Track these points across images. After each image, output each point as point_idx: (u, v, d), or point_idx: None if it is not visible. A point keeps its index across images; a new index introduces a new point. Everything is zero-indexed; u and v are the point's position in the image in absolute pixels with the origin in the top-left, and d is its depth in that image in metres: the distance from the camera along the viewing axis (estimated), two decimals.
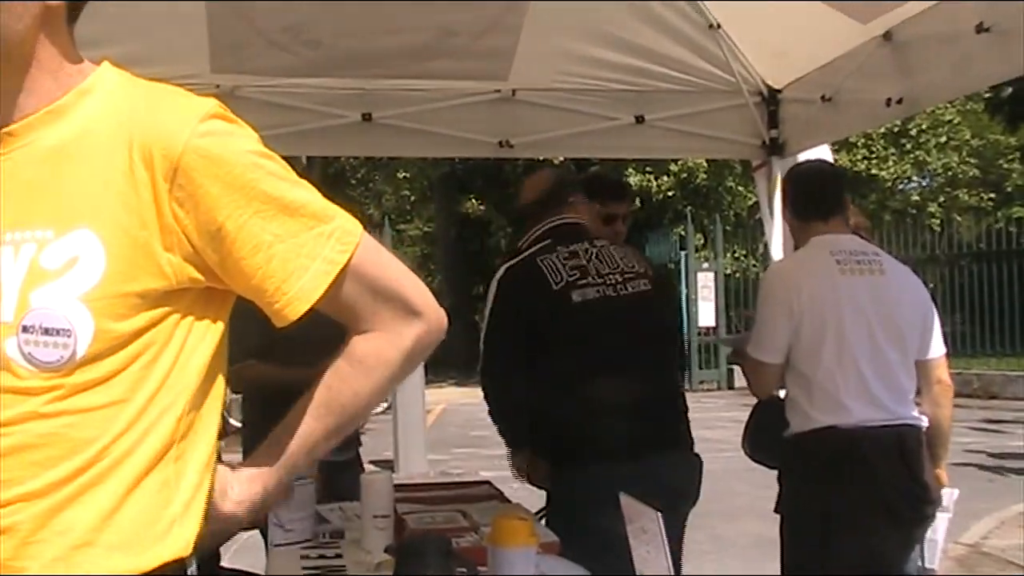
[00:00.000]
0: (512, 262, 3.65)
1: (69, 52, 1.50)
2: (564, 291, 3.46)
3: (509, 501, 3.39)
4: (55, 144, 1.45)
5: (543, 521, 3.37)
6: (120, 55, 1.64)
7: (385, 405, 12.81)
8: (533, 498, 3.54)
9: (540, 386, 3.46)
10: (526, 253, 3.62)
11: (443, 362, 18.83)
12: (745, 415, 3.83)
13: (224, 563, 3.66)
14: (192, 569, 1.48)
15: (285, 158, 1.52)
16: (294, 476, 1.64)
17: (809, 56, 4.48)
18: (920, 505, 3.52)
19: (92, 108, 1.47)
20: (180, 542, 1.45)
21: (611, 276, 3.52)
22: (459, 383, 19.87)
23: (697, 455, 3.58)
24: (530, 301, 3.51)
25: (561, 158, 8.79)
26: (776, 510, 3.64)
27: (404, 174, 26.07)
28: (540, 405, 3.48)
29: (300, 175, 1.52)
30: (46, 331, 1.37)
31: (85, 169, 1.43)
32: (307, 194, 1.50)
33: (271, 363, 3.68)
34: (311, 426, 1.57)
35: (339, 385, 1.56)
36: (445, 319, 1.61)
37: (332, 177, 21.54)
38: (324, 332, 1.57)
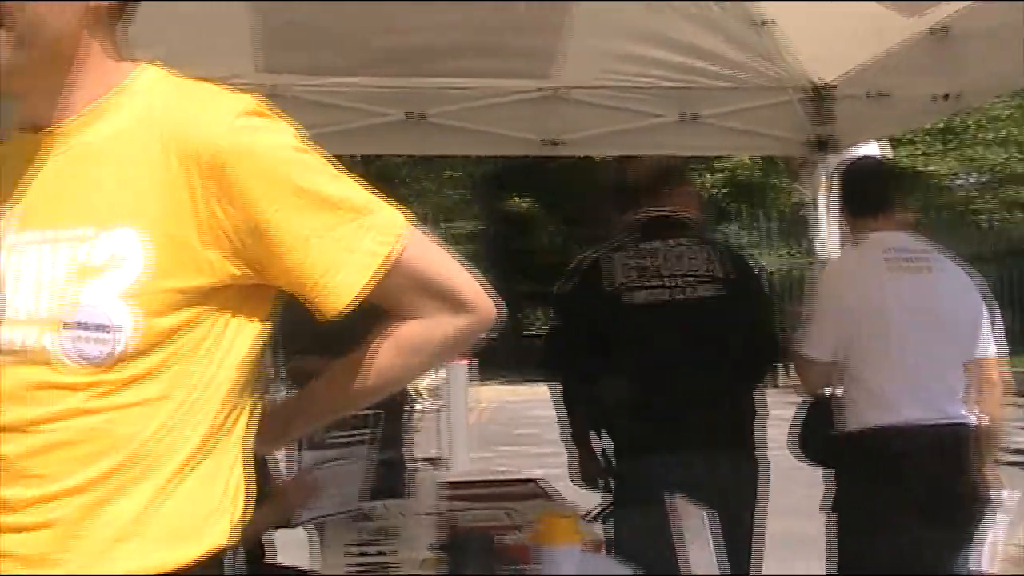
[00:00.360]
0: (584, 255, 3.69)
1: (112, 51, 1.51)
2: (617, 292, 3.47)
3: (554, 499, 3.38)
4: (95, 143, 1.46)
5: (595, 521, 3.38)
6: (164, 55, 1.65)
7: (438, 403, 12.86)
8: (579, 497, 3.54)
9: (600, 382, 3.49)
10: (598, 249, 3.65)
11: (490, 360, 18.86)
12: (789, 413, 3.80)
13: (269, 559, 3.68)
14: (240, 560, 1.49)
15: (331, 157, 1.52)
16: (310, 427, 1.69)
17: (857, 51, 4.42)
18: (970, 504, 3.49)
19: (131, 107, 1.48)
20: (219, 534, 1.46)
21: (674, 278, 3.51)
22: (507, 381, 19.88)
23: (758, 458, 3.55)
24: (586, 299, 3.55)
25: (607, 156, 8.76)
26: (827, 508, 3.61)
27: (450, 173, 26.12)
28: (600, 401, 3.51)
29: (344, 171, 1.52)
30: (87, 327, 1.38)
31: (124, 167, 1.44)
32: (347, 187, 1.50)
33: (327, 357, 3.70)
34: (335, 387, 1.64)
35: (372, 357, 1.59)
36: (494, 311, 1.61)
37: (376, 175, 21.59)
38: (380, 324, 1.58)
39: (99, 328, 1.38)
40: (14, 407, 1.39)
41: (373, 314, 1.51)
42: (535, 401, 3.71)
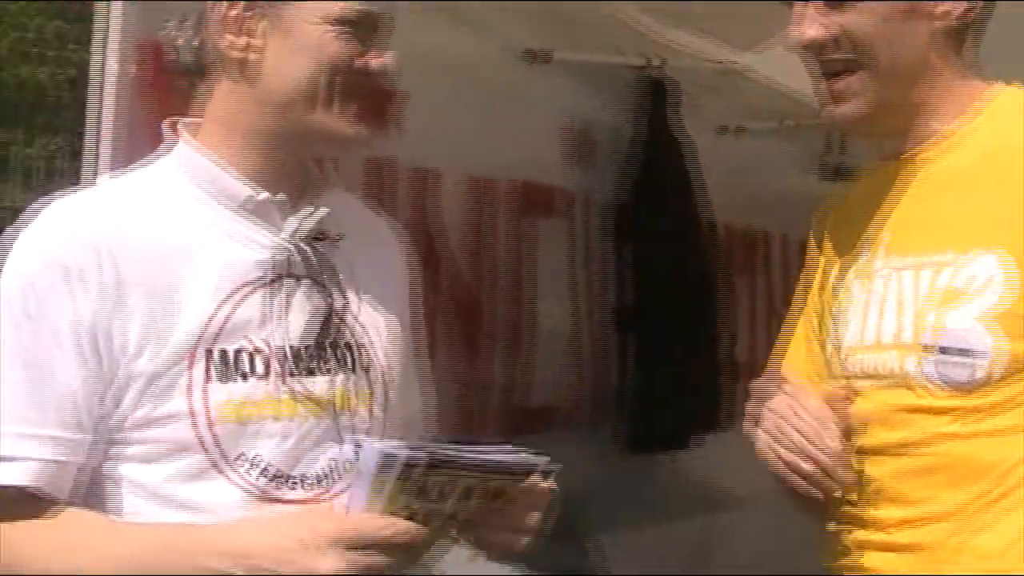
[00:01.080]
0: None
1: (961, 71, 1.49)
2: None
3: None
4: (954, 168, 1.46)
5: None
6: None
7: None
8: None
9: None
10: None
11: None
12: None
13: None
14: None
15: None
16: None
17: None
18: None
19: (988, 131, 1.46)
20: None
21: None
22: None
23: None
24: None
25: None
26: None
27: None
28: None
29: None
30: (950, 351, 1.39)
31: (983, 192, 1.42)
32: None
33: None
34: None
35: None
36: None
37: None
38: None
39: (961, 353, 1.38)
40: (880, 430, 1.45)
41: None
42: None
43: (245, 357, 1.37)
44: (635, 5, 3.35)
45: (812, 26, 1.45)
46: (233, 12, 1.41)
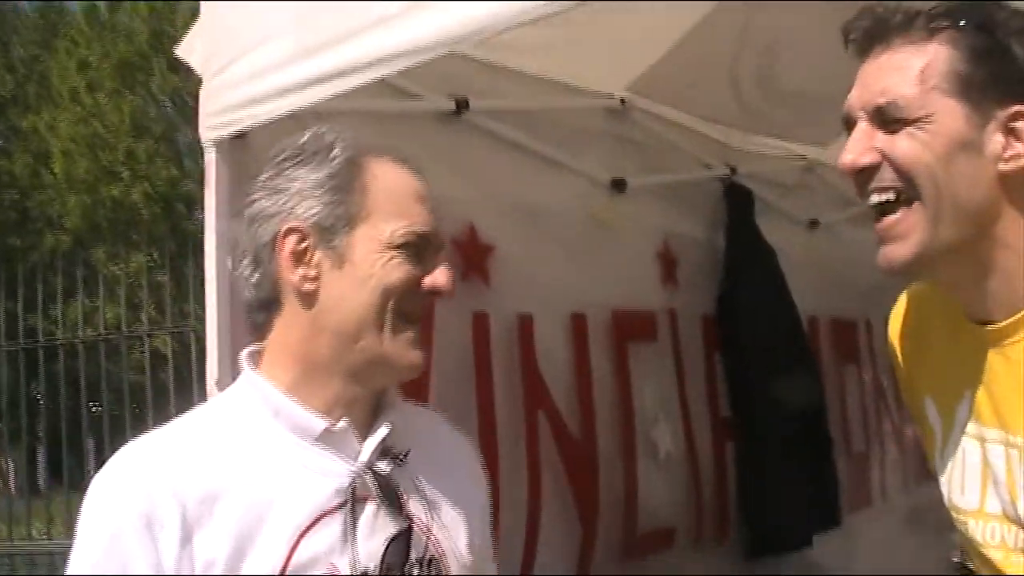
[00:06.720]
0: None
1: None
2: None
3: None
4: None
5: None
6: None
7: None
8: None
9: None
10: None
11: None
12: None
13: None
14: None
15: None
16: None
17: None
18: None
19: None
20: None
21: None
22: None
23: None
24: None
25: None
26: None
27: None
28: None
29: None
30: None
31: None
32: None
33: None
34: None
35: None
36: None
37: None
38: None
39: None
40: None
41: None
42: None
43: None
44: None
45: (862, 152, 1.30)
46: (290, 245, 1.44)
